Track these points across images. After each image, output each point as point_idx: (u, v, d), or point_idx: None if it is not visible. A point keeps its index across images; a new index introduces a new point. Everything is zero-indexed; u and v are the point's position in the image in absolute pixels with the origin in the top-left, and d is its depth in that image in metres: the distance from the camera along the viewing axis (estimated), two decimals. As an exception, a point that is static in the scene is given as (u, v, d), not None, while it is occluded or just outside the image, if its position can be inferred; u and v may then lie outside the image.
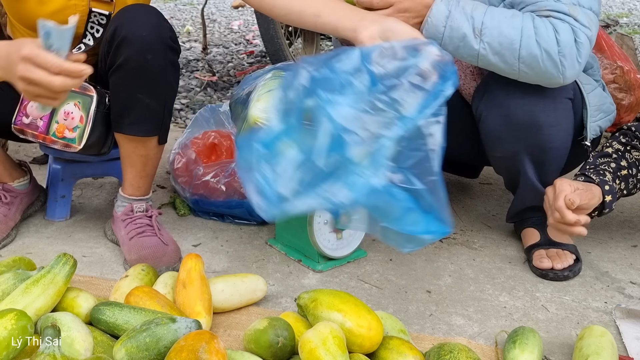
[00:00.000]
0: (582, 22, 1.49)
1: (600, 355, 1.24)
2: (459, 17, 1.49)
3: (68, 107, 1.65)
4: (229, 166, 1.94)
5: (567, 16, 1.49)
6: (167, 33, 1.60)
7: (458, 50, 1.52)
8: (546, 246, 1.73)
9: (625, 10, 6.24)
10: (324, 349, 1.16)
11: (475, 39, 1.49)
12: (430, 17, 1.50)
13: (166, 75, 1.62)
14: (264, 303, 1.54)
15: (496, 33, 1.48)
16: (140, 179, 1.73)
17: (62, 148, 1.67)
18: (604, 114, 1.76)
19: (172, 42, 1.61)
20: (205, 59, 4.12)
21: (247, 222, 1.94)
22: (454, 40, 1.51)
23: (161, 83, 1.62)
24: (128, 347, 1.18)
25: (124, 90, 1.61)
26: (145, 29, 1.56)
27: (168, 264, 1.64)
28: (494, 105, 1.64)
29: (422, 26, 1.52)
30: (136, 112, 1.62)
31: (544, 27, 1.48)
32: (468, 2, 1.53)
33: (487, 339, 1.43)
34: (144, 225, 1.71)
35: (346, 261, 1.74)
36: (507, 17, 1.50)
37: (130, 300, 1.37)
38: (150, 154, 1.70)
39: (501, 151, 1.72)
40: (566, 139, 1.68)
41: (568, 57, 1.49)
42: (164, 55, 1.59)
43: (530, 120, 1.61)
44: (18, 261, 1.50)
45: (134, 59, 1.56)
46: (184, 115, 3.06)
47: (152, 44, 1.56)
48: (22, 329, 1.17)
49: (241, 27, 5.29)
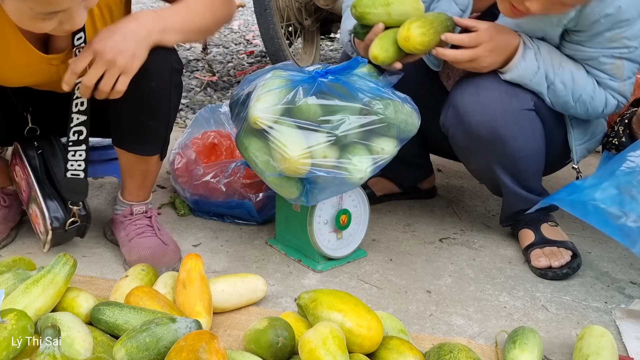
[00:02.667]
0: (626, 96, 1.65)
1: (600, 355, 1.24)
2: (541, 70, 1.60)
3: (36, 210, 1.63)
4: (229, 166, 1.94)
5: (617, 94, 1.64)
6: (171, 56, 1.52)
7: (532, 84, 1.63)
8: (542, 245, 1.73)
9: (625, 10, 6.22)
10: (324, 349, 1.16)
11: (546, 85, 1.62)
12: (520, 68, 1.58)
13: (170, 97, 1.55)
14: (264, 303, 1.54)
15: (569, 81, 1.61)
16: (140, 189, 1.73)
17: (37, 233, 1.68)
18: (591, 136, 1.78)
19: (176, 64, 1.53)
20: (205, 59, 4.12)
21: (247, 222, 1.94)
22: (535, 83, 1.62)
23: (165, 106, 1.56)
24: (128, 347, 1.18)
25: (126, 115, 1.55)
26: (148, 58, 1.43)
27: (168, 264, 1.64)
28: (458, 123, 1.66)
29: (508, 67, 1.59)
30: (139, 134, 1.58)
31: (599, 96, 1.63)
32: (553, 53, 1.61)
33: (487, 339, 1.43)
34: (143, 226, 1.70)
35: (346, 261, 1.74)
36: (576, 70, 1.62)
37: (130, 300, 1.37)
38: (151, 169, 1.69)
39: (474, 164, 1.77)
40: (535, 146, 1.69)
41: (606, 116, 1.72)
42: (168, 80, 1.52)
43: (493, 136, 1.63)
44: (18, 261, 1.50)
45: (137, 88, 1.44)
46: (184, 115, 3.06)
47: (155, 72, 1.46)
48: (22, 329, 1.17)
49: (241, 27, 5.30)
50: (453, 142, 1.73)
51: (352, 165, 1.47)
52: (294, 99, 1.42)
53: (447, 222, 2.01)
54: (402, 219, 2.02)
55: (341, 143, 1.46)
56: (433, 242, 1.88)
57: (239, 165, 1.93)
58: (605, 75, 1.62)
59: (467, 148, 1.71)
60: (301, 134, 1.44)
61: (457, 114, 1.65)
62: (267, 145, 1.46)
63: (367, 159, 1.49)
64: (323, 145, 1.44)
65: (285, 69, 1.53)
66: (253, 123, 1.44)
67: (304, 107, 1.42)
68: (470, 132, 1.64)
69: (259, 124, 1.43)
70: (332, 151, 1.46)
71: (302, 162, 1.43)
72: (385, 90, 1.49)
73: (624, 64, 1.59)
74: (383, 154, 1.51)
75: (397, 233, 1.92)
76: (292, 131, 1.43)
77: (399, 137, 1.53)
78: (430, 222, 2.00)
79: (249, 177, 1.92)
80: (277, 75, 1.49)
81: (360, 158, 1.49)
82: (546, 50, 1.60)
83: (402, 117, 1.51)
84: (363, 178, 1.50)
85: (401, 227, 1.97)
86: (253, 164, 1.53)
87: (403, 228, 1.96)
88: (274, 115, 1.43)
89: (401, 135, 1.53)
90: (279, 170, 1.46)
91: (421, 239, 1.90)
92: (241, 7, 6.08)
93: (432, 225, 1.98)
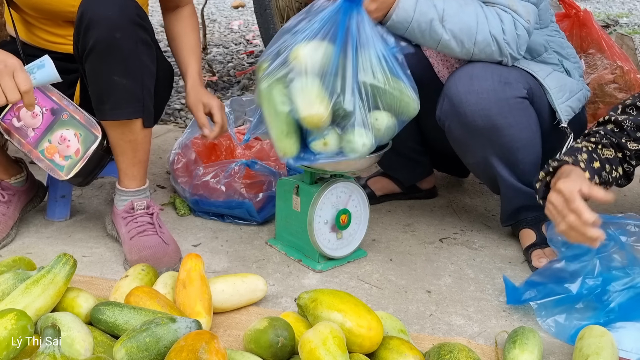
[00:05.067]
0: (521, 14, 1.61)
1: (600, 355, 1.24)
2: (425, 3, 1.57)
3: (67, 133, 1.66)
4: (229, 166, 1.94)
5: (508, 9, 1.61)
6: (132, 10, 1.59)
7: (423, 35, 1.60)
8: (543, 245, 1.73)
9: (625, 10, 6.24)
10: (324, 349, 1.16)
11: (439, 25, 1.58)
12: (402, 2, 1.56)
13: (138, 53, 1.61)
14: (264, 303, 1.54)
15: (457, 20, 1.58)
16: (133, 166, 1.72)
17: (46, 169, 1.67)
18: (570, 94, 1.77)
19: (140, 19, 1.60)
20: (205, 59, 4.12)
21: (247, 222, 1.94)
22: (421, 25, 1.58)
23: (135, 62, 1.60)
24: (128, 347, 1.18)
25: (99, 74, 1.61)
26: (109, 8, 1.56)
27: (168, 265, 1.64)
28: (453, 114, 1.67)
29: (390, 11, 1.56)
30: (115, 96, 1.62)
31: (492, 16, 1.60)
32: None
33: (487, 339, 1.43)
34: (145, 224, 1.70)
35: (346, 261, 1.74)
36: (461, 5, 1.60)
37: (130, 300, 1.37)
38: (138, 139, 1.69)
39: (471, 157, 1.77)
40: (531, 136, 1.70)
41: (511, 43, 1.62)
42: (133, 33, 1.58)
43: (489, 125, 1.64)
44: (18, 261, 1.50)
45: (103, 40, 1.55)
46: (184, 115, 3.06)
47: (119, 23, 1.56)
48: (22, 329, 1.17)
49: (241, 27, 5.30)
50: (450, 135, 1.73)
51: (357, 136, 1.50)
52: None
53: (447, 222, 2.01)
54: (402, 219, 2.02)
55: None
56: (433, 242, 1.88)
57: (239, 165, 1.93)
58: None
59: (464, 140, 1.71)
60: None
61: (452, 105, 1.66)
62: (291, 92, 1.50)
63: (367, 132, 1.51)
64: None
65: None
66: (294, 58, 1.47)
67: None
68: (466, 122, 1.65)
69: (300, 62, 1.47)
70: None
71: (324, 119, 1.47)
72: (400, 66, 1.52)
73: None
74: (377, 125, 1.52)
75: (397, 233, 1.92)
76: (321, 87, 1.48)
77: (396, 114, 1.54)
78: (430, 222, 2.00)
79: (249, 177, 1.93)
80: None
81: (360, 131, 1.50)
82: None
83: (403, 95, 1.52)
84: (366, 144, 1.51)
85: (401, 227, 1.97)
86: (269, 110, 1.53)
87: (403, 228, 1.96)
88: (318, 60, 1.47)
89: (399, 114, 1.54)
90: (298, 116, 1.49)
91: (421, 239, 1.90)
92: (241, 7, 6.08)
93: (432, 225, 1.98)
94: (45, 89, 1.67)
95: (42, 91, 1.67)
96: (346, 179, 1.69)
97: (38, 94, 1.66)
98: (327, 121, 1.49)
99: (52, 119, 1.67)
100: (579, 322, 1.42)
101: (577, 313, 1.45)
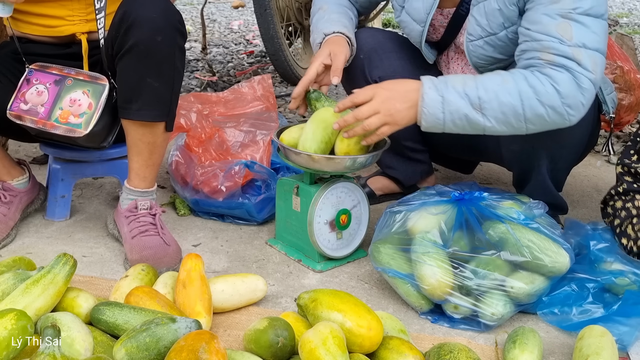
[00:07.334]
0: (585, 66, 1.44)
1: (600, 355, 1.24)
2: (454, 99, 1.47)
3: (75, 95, 1.67)
4: (229, 166, 1.94)
5: (570, 61, 1.44)
6: (176, 16, 1.62)
7: (465, 130, 1.51)
8: None
9: (625, 10, 6.24)
10: (324, 349, 1.16)
11: (477, 115, 1.47)
12: (426, 107, 1.48)
13: (174, 59, 1.63)
14: (264, 303, 1.54)
15: (496, 105, 1.46)
16: (147, 168, 1.73)
17: (64, 133, 1.66)
18: (610, 87, 1.78)
19: (181, 26, 1.63)
20: (205, 59, 4.12)
21: (247, 222, 1.94)
22: (457, 122, 1.49)
23: (169, 66, 1.62)
24: (128, 347, 1.18)
25: (132, 74, 1.61)
26: (154, 11, 1.58)
27: (169, 265, 1.64)
28: None
29: (419, 116, 1.50)
30: (144, 97, 1.62)
31: (541, 84, 1.45)
32: (456, 79, 1.50)
33: (487, 339, 1.43)
34: (147, 224, 1.70)
35: (346, 261, 1.74)
36: (499, 85, 1.47)
37: (130, 300, 1.37)
38: (158, 142, 1.70)
39: (520, 145, 1.69)
40: (581, 136, 1.68)
41: (573, 105, 1.45)
42: (174, 38, 1.61)
43: None
44: (18, 261, 1.50)
45: (144, 41, 1.57)
46: (184, 115, 3.05)
47: (162, 26, 1.58)
48: (22, 329, 1.17)
49: (241, 27, 5.30)
50: None
51: (485, 305, 1.45)
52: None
53: (447, 222, 2.00)
54: (402, 219, 2.01)
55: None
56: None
57: (239, 165, 1.93)
58: (554, 38, 1.46)
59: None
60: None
61: None
62: (410, 260, 1.50)
63: (497, 302, 1.45)
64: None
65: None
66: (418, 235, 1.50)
67: None
68: None
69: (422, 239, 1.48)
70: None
71: (446, 291, 1.44)
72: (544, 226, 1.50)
73: (571, 25, 1.47)
74: (514, 294, 1.45)
75: (397, 233, 1.92)
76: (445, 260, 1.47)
77: (544, 274, 1.48)
78: (430, 222, 2.00)
79: (249, 177, 1.93)
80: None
81: (492, 298, 1.45)
82: (453, 80, 1.51)
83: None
84: (495, 314, 1.44)
85: (401, 227, 1.96)
86: (393, 278, 1.53)
87: (403, 228, 1.96)
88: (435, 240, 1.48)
89: (549, 273, 1.48)
90: (421, 289, 1.47)
91: (421, 239, 1.90)
92: (241, 7, 6.09)
93: (432, 225, 1.98)
94: (44, 67, 1.71)
95: (42, 70, 1.70)
96: (346, 179, 1.69)
97: (39, 75, 1.70)
98: (449, 293, 1.45)
99: (58, 89, 1.69)
100: (580, 316, 1.45)
101: (578, 305, 1.47)
